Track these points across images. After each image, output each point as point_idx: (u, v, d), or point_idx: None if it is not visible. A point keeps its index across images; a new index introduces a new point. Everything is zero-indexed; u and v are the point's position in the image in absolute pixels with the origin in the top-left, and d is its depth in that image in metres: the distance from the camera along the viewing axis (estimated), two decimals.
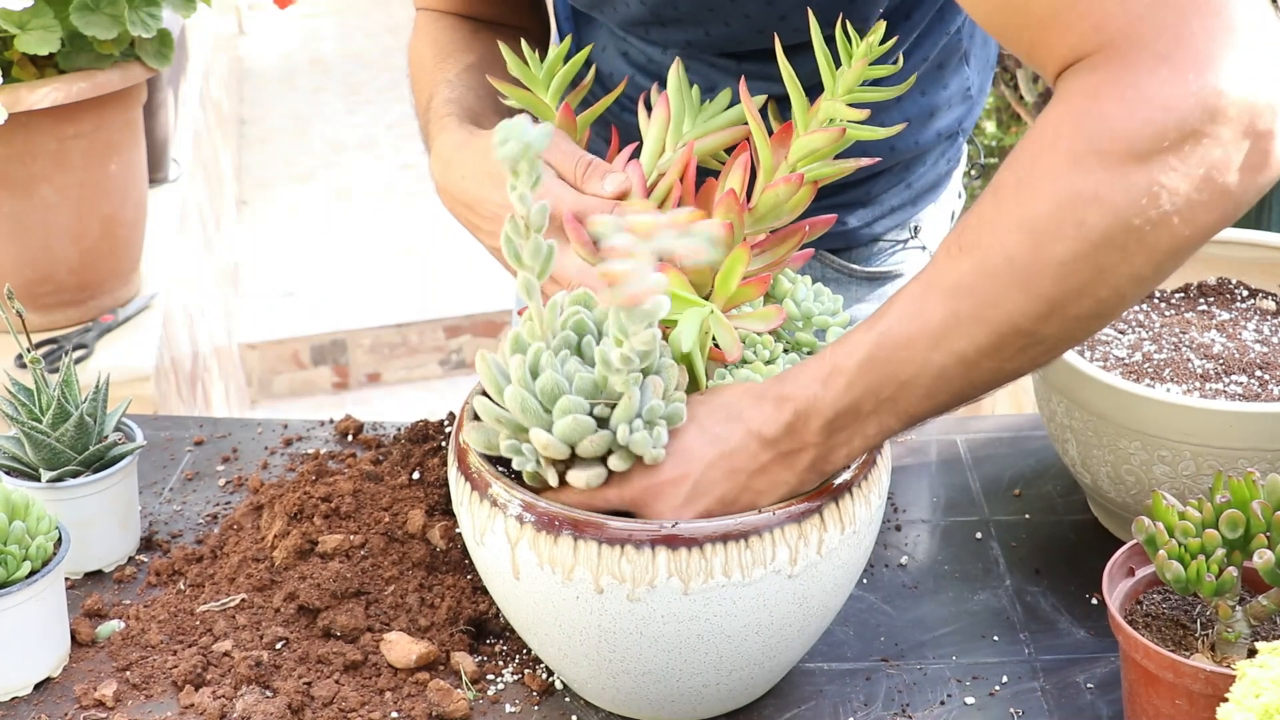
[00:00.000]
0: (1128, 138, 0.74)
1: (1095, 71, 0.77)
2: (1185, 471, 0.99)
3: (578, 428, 0.81)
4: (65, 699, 0.96)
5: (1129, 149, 0.74)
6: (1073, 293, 0.77)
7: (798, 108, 0.90)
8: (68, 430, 1.05)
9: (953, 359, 0.80)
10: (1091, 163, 0.75)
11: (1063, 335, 0.80)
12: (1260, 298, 1.18)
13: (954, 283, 0.80)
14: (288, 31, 6.81)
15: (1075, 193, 0.76)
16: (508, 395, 0.83)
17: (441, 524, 1.06)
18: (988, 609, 1.04)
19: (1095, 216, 0.75)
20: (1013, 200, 0.78)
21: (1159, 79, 0.74)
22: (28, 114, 1.50)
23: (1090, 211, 0.75)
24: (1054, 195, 0.76)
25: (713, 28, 1.09)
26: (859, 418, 0.83)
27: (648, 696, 0.89)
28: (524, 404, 0.82)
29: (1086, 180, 0.75)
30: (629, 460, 0.83)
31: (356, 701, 0.93)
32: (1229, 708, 0.70)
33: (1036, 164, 0.78)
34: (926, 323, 0.80)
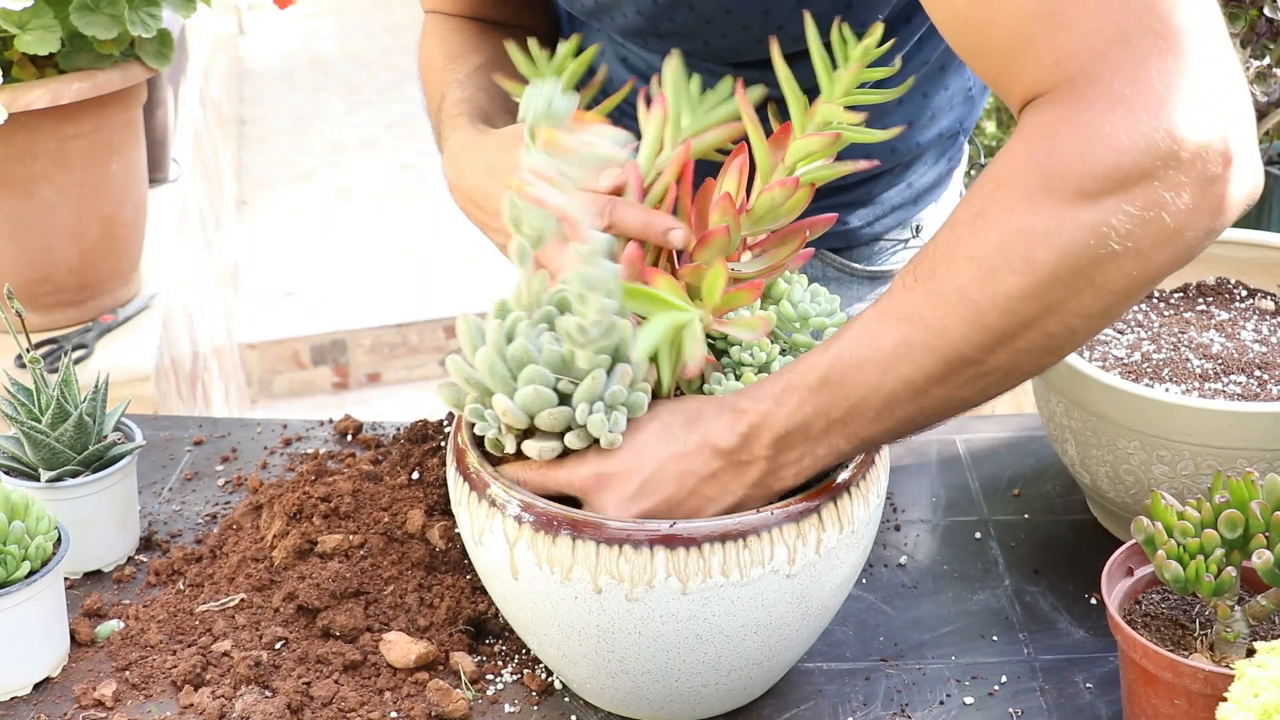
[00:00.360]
0: (1079, 177, 0.75)
1: (1053, 108, 0.77)
2: (1184, 471, 0.99)
3: (538, 399, 0.83)
4: (64, 699, 0.96)
5: (1079, 188, 0.75)
6: (1020, 326, 0.78)
7: (795, 110, 0.90)
8: (67, 430, 1.05)
9: (902, 384, 0.81)
10: (1042, 200, 0.76)
11: (1011, 367, 0.81)
12: (1259, 298, 1.18)
13: (907, 310, 0.81)
14: (288, 31, 6.81)
15: (1026, 229, 0.76)
16: (479, 357, 0.84)
17: (441, 524, 1.06)
18: (987, 609, 1.04)
19: (1044, 253, 0.76)
20: (967, 233, 0.80)
21: (1114, 119, 0.74)
22: (28, 114, 1.50)
23: (1039, 249, 0.76)
24: (1005, 231, 0.77)
25: (711, 39, 1.09)
26: (809, 437, 0.84)
27: (646, 696, 0.89)
28: (493, 368, 0.84)
29: (1037, 218, 0.76)
30: (585, 440, 0.85)
31: (356, 701, 0.93)
32: (1228, 707, 0.70)
33: (991, 199, 0.79)
34: (879, 348, 0.82)
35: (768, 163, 0.90)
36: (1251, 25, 1.81)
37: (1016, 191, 0.77)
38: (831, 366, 0.83)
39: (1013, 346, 0.80)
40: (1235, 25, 1.81)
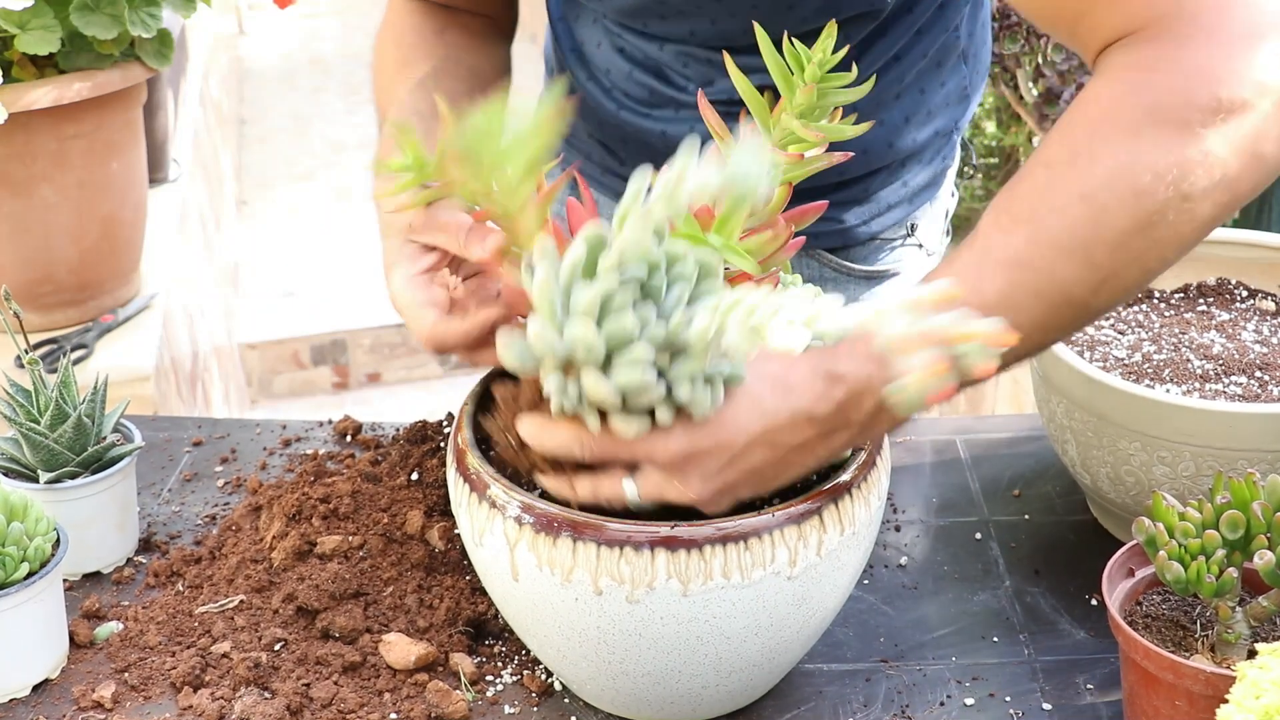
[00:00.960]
0: (1183, 108, 0.77)
1: (1147, 45, 0.79)
2: (1185, 472, 0.99)
3: (641, 381, 0.77)
4: (63, 700, 0.96)
5: (1186, 120, 0.77)
6: (1127, 263, 0.79)
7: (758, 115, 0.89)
8: (66, 431, 1.05)
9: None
10: (1148, 133, 0.78)
11: (1109, 304, 0.82)
12: (1260, 298, 1.18)
13: (1009, 254, 0.80)
14: (288, 31, 6.81)
15: (1133, 164, 0.78)
16: (572, 330, 0.76)
17: (440, 525, 1.06)
18: (987, 610, 1.04)
19: (1154, 186, 0.77)
20: (1069, 172, 0.80)
21: (1210, 53, 0.78)
22: (28, 114, 1.50)
23: (1150, 182, 0.77)
24: (1113, 166, 0.78)
25: (718, 19, 1.08)
26: None
27: (647, 698, 0.89)
28: (590, 345, 0.76)
29: (1144, 151, 0.78)
30: (672, 415, 0.80)
31: (355, 703, 0.93)
32: (1229, 709, 0.70)
33: (1094, 136, 0.80)
34: (982, 294, 0.80)
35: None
36: None
37: (1120, 127, 0.79)
38: None
39: (1115, 285, 0.80)
40: None
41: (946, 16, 1.17)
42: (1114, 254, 0.79)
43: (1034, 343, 0.83)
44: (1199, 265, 1.22)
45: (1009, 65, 2.02)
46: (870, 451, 0.89)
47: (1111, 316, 1.17)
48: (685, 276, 0.79)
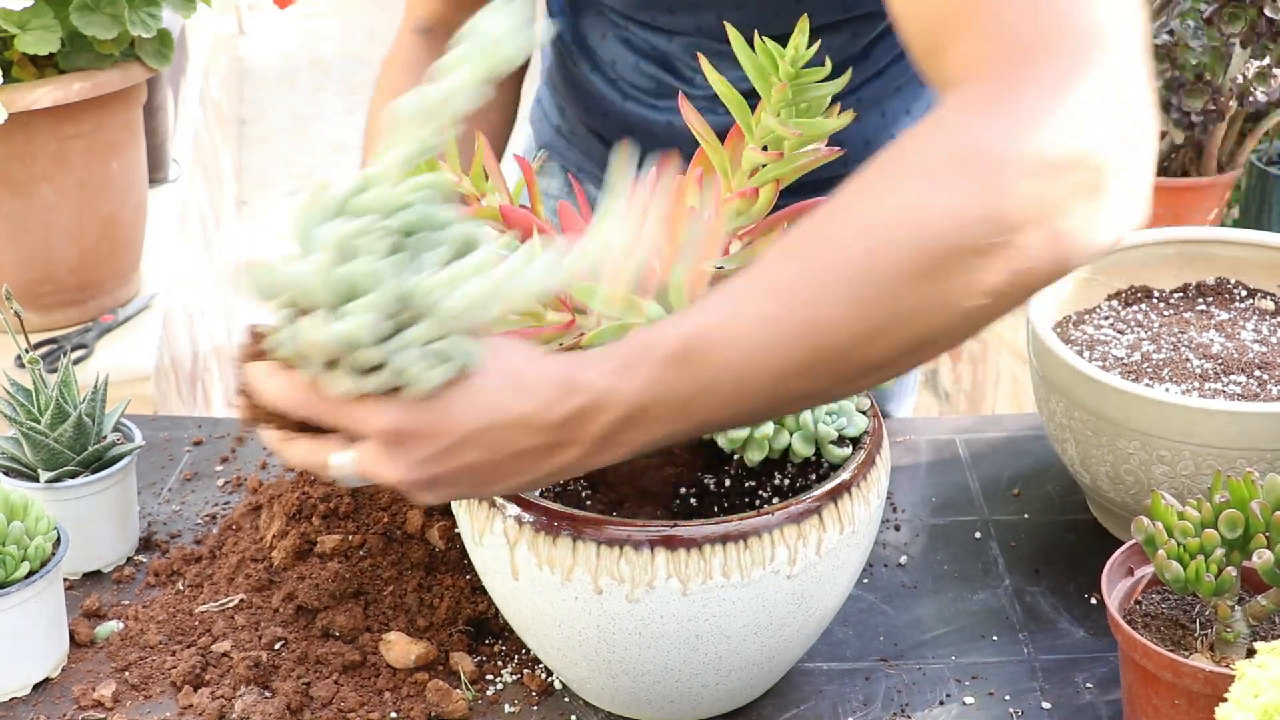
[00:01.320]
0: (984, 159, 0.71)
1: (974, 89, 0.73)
2: (1184, 471, 0.99)
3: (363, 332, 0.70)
4: (64, 699, 0.96)
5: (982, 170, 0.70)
6: (898, 312, 0.72)
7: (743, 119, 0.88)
8: (66, 431, 1.05)
9: (760, 368, 0.73)
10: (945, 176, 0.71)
11: (881, 360, 0.73)
12: (1259, 298, 1.18)
13: (776, 283, 0.73)
14: (288, 31, 6.81)
15: (922, 204, 0.71)
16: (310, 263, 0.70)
17: (440, 524, 1.06)
18: (987, 609, 1.04)
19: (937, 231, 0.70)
20: (856, 204, 0.73)
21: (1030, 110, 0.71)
22: (28, 114, 1.50)
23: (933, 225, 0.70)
24: (900, 204, 0.71)
25: (726, 10, 1.08)
26: (648, 419, 0.73)
27: (647, 697, 0.89)
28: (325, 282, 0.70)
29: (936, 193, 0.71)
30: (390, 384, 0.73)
31: (355, 702, 0.93)
32: (1228, 708, 0.70)
33: (891, 172, 0.73)
34: (740, 323, 0.72)
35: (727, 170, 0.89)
36: (1251, 25, 1.81)
37: (919, 166, 0.72)
38: (687, 340, 0.72)
39: (887, 336, 0.72)
40: (1235, 25, 1.81)
41: None
42: (885, 300, 0.71)
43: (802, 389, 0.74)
44: (1198, 265, 1.22)
45: None
46: (869, 450, 0.89)
47: (1111, 315, 1.17)
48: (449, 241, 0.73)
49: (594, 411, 0.73)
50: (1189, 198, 1.98)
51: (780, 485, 0.94)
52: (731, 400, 0.73)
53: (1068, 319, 1.17)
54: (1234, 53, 1.85)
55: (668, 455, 0.91)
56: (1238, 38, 1.83)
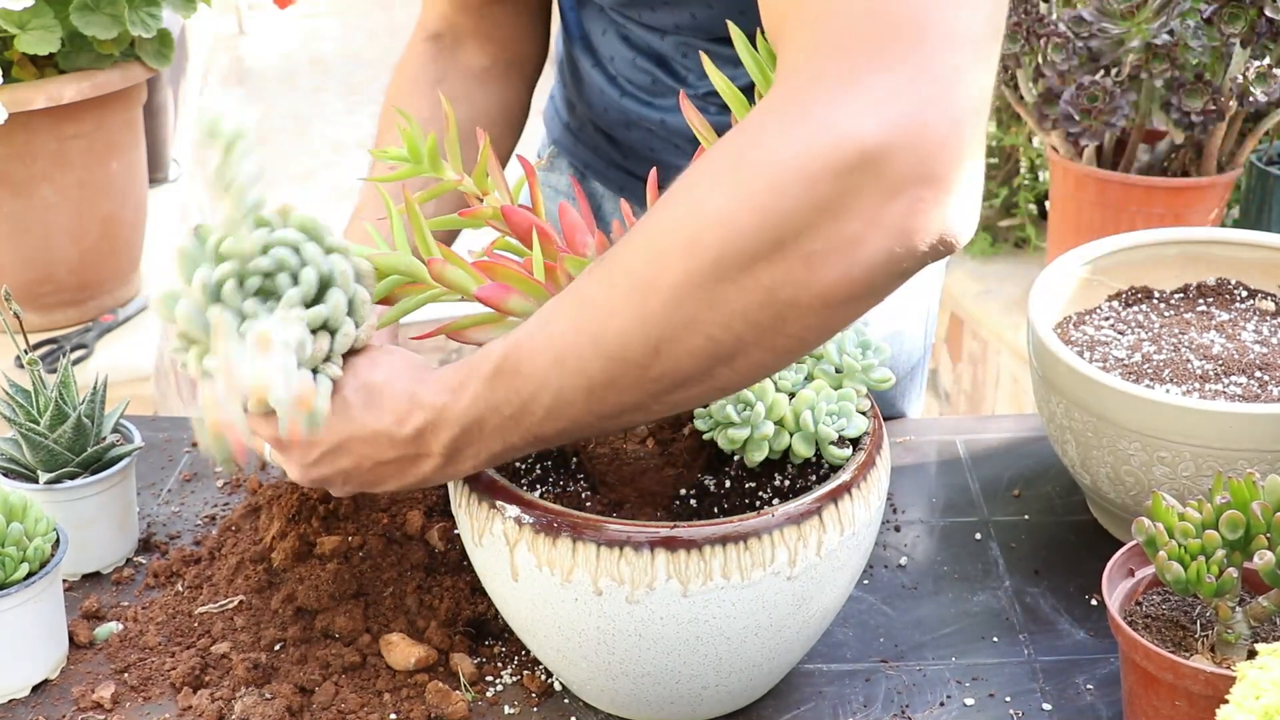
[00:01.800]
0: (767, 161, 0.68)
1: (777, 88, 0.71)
2: (1185, 472, 0.99)
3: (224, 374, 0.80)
4: (63, 701, 0.96)
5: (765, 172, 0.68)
6: (683, 323, 0.70)
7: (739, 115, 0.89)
8: (65, 432, 1.05)
9: (571, 380, 0.75)
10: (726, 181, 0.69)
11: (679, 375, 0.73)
12: (1260, 298, 1.18)
13: (580, 295, 0.75)
14: (288, 31, 6.81)
15: (700, 209, 0.69)
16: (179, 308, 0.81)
17: (440, 525, 1.06)
18: (987, 610, 1.04)
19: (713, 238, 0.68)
20: (651, 214, 0.73)
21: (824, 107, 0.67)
22: (28, 114, 1.50)
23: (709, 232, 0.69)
24: (681, 211, 0.70)
25: (697, 9, 1.09)
26: (483, 433, 0.79)
27: (647, 698, 0.89)
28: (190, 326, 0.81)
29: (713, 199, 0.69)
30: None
31: (355, 703, 0.93)
32: (1229, 709, 0.70)
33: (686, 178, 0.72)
34: (549, 336, 0.75)
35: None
36: (1251, 25, 1.81)
37: (706, 171, 0.70)
38: (505, 356, 0.77)
39: (677, 348, 0.71)
40: (1235, 25, 1.81)
41: None
42: (667, 309, 0.70)
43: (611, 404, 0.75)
44: (1199, 265, 1.22)
45: (1009, 65, 2.03)
46: (870, 451, 0.89)
47: (1111, 316, 1.17)
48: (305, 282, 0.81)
49: (435, 427, 0.80)
50: (1189, 198, 1.98)
51: (780, 486, 0.94)
52: (552, 413, 0.77)
53: (1068, 319, 1.17)
54: (1234, 53, 1.85)
55: (667, 456, 0.91)
56: (1238, 38, 1.83)
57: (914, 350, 1.36)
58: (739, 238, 0.68)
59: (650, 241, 0.72)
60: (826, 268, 0.68)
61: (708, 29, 1.11)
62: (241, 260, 0.81)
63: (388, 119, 1.16)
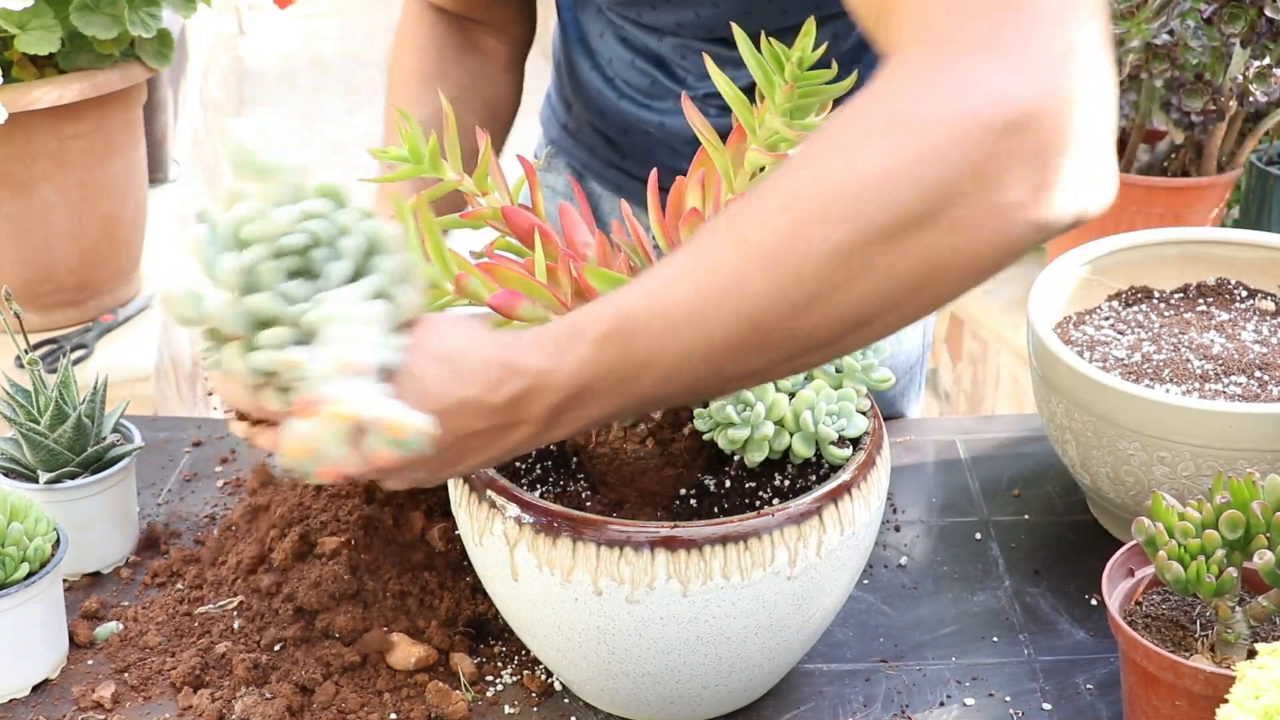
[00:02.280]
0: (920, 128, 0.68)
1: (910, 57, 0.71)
2: (1185, 472, 0.99)
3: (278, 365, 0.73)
4: (63, 700, 0.96)
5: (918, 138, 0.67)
6: (831, 287, 0.69)
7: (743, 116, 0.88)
8: (65, 432, 1.05)
9: (696, 345, 0.72)
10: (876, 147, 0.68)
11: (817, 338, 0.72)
12: (1260, 298, 1.18)
13: (708, 260, 0.72)
14: (288, 31, 6.81)
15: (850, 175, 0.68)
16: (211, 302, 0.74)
17: (440, 525, 1.06)
18: (987, 610, 1.04)
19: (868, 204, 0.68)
20: (782, 179, 0.71)
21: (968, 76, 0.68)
22: (28, 114, 1.50)
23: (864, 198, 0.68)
24: (828, 176, 0.69)
25: (701, 9, 1.09)
26: (591, 398, 0.75)
27: (647, 698, 0.89)
28: (227, 319, 0.73)
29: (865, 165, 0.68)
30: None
31: (355, 703, 0.93)
32: (1229, 709, 0.70)
33: (819, 143, 0.71)
34: (674, 299, 0.72)
35: (729, 171, 0.89)
36: (1251, 25, 1.81)
37: (850, 137, 0.70)
38: (622, 318, 0.73)
39: (820, 311, 0.70)
40: (1235, 25, 1.81)
41: None
42: (818, 274, 0.69)
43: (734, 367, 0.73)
44: (1199, 265, 1.22)
45: None
46: (870, 451, 0.89)
47: (1111, 316, 1.17)
48: (350, 252, 0.75)
49: (536, 393, 0.75)
50: (1189, 198, 1.98)
51: (780, 486, 0.94)
52: (669, 377, 0.73)
53: (1068, 319, 1.17)
54: (1234, 53, 1.85)
55: (667, 456, 0.91)
56: (1238, 38, 1.82)
57: (912, 350, 1.36)
58: (898, 202, 0.67)
59: (796, 204, 0.70)
60: (980, 232, 0.68)
61: (710, 28, 1.11)
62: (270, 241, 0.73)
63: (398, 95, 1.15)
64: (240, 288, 0.74)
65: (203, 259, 0.74)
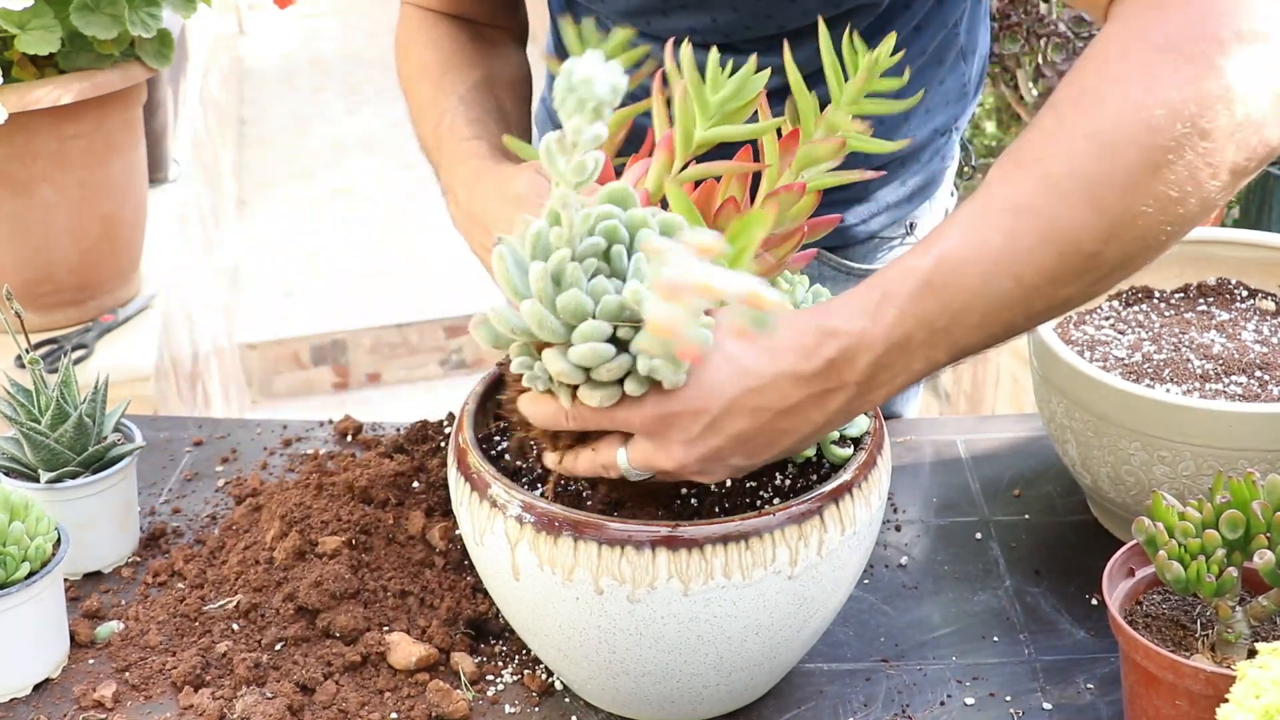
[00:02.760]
0: (1199, 42, 0.73)
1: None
2: (1185, 472, 0.99)
3: (596, 355, 0.76)
4: (64, 700, 0.96)
5: (1201, 53, 0.73)
6: (1139, 208, 0.75)
7: (805, 113, 0.90)
8: (66, 431, 1.05)
9: (1011, 284, 0.76)
10: (1162, 69, 0.74)
11: (1123, 258, 0.77)
12: (1260, 298, 1.18)
13: (1014, 201, 0.76)
14: (288, 31, 6.81)
15: (1145, 99, 0.74)
16: (526, 310, 0.76)
17: (441, 525, 1.06)
18: (987, 609, 1.04)
19: (1168, 122, 0.73)
20: (1076, 111, 0.76)
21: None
22: (28, 114, 1.50)
23: (1163, 117, 0.73)
24: (1122, 103, 0.74)
25: (719, 13, 1.09)
26: (908, 351, 0.78)
27: (647, 697, 0.89)
28: (542, 321, 0.76)
29: (1157, 86, 0.74)
30: (645, 385, 0.79)
31: (356, 702, 0.93)
32: (1229, 709, 0.70)
33: (1102, 75, 0.76)
34: (985, 243, 0.76)
35: (776, 166, 0.90)
36: None
37: (1130, 64, 0.75)
38: (935, 269, 0.76)
39: (1128, 233, 0.75)
40: None
41: (945, 12, 1.17)
42: (1124, 197, 0.74)
43: (1046, 299, 0.77)
44: (1199, 265, 1.22)
45: (1009, 65, 2.03)
46: (870, 451, 0.89)
47: (1112, 316, 1.17)
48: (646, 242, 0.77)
49: (855, 351, 0.77)
50: None
51: (781, 486, 0.94)
52: (985, 318, 0.77)
53: (1068, 319, 1.17)
54: None
55: None
56: None
57: None
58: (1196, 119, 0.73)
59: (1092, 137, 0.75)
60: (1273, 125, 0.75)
61: (726, 32, 1.10)
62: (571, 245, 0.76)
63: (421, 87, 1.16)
64: (549, 295, 0.76)
65: (507, 278, 0.78)
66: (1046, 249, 0.75)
